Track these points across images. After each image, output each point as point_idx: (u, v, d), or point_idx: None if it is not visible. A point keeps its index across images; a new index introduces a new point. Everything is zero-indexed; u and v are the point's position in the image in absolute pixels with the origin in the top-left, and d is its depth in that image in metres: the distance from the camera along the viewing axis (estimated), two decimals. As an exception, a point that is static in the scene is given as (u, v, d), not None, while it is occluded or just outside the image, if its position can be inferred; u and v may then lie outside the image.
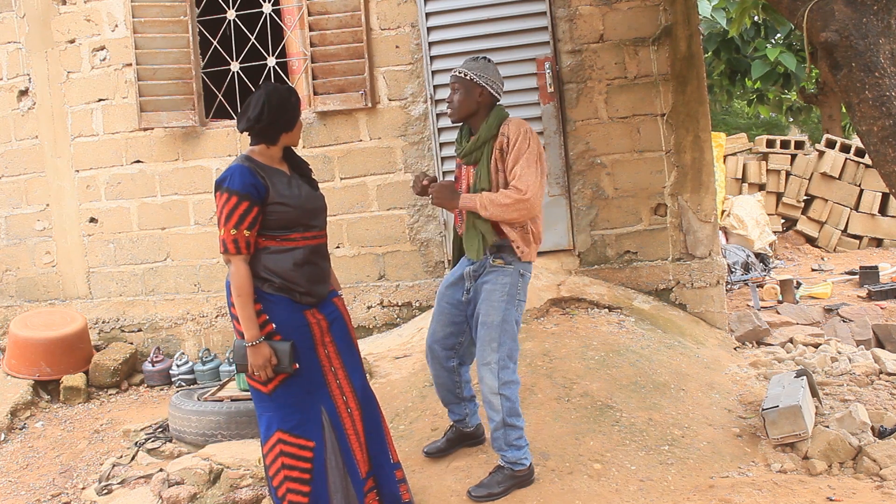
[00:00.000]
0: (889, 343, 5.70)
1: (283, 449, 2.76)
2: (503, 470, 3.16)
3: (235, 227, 2.67)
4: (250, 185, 2.69)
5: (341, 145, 5.52)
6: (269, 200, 2.73)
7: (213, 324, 5.82)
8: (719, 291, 5.18)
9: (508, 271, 3.15)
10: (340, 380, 2.87)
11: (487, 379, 3.12)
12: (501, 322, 3.11)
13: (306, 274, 2.80)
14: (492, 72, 3.17)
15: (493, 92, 3.17)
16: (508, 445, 3.15)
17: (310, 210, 2.83)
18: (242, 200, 2.67)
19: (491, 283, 3.15)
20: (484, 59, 3.20)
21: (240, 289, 2.69)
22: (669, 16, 5.09)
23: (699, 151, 5.12)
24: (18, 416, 5.08)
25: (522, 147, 3.06)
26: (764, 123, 19.72)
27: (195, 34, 5.64)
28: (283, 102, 2.79)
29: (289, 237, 2.78)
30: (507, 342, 3.13)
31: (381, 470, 2.93)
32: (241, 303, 2.70)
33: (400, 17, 5.39)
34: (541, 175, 3.07)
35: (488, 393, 3.13)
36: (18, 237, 6.17)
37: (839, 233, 9.29)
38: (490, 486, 3.12)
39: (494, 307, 3.12)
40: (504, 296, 3.13)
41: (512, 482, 3.15)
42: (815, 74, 11.04)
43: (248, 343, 2.69)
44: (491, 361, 3.11)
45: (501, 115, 3.17)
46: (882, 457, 3.25)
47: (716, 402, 4.01)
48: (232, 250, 2.68)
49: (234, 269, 2.70)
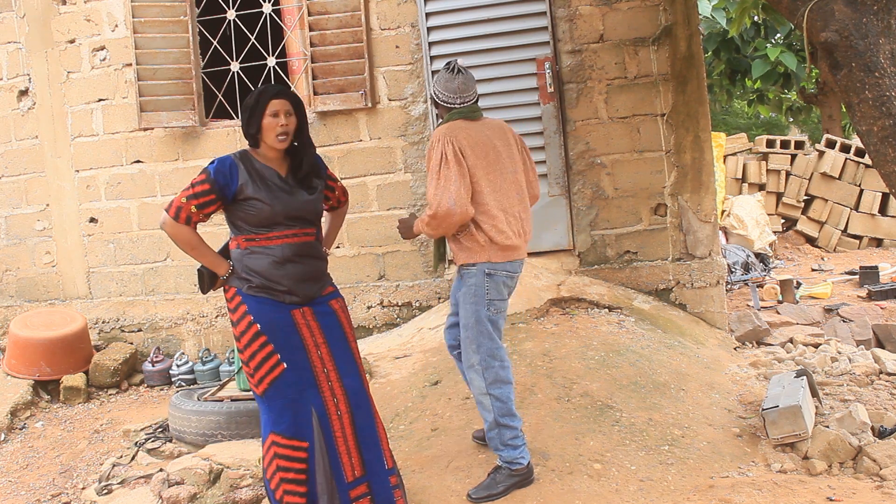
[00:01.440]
0: (889, 343, 5.70)
1: (276, 451, 2.76)
2: (501, 470, 3.16)
3: (187, 198, 2.76)
4: (221, 173, 2.76)
5: (341, 145, 5.52)
6: (240, 196, 2.76)
7: (213, 324, 5.82)
8: (719, 291, 5.18)
9: (472, 272, 3.19)
10: (332, 381, 2.85)
11: (475, 381, 3.19)
12: (475, 323, 3.17)
13: (289, 273, 2.79)
14: (441, 79, 3.23)
15: (439, 101, 3.25)
16: (504, 445, 3.15)
17: (286, 210, 2.80)
18: (206, 182, 2.76)
19: (463, 286, 3.22)
20: (450, 68, 3.23)
21: (189, 242, 2.80)
22: (669, 16, 5.09)
23: (699, 151, 5.12)
24: (18, 416, 5.08)
25: (427, 161, 3.18)
26: (764, 123, 19.72)
27: (195, 34, 5.64)
28: (244, 105, 2.86)
29: (268, 235, 2.79)
30: (484, 342, 3.17)
31: (375, 476, 2.90)
32: (197, 254, 2.81)
33: (400, 17, 5.39)
34: (448, 180, 3.05)
35: (478, 394, 3.19)
36: (18, 237, 6.17)
37: (839, 233, 9.29)
38: (490, 487, 3.13)
39: (467, 310, 3.19)
40: (472, 297, 3.18)
41: (511, 481, 3.15)
42: (815, 74, 11.04)
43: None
44: (474, 363, 3.18)
45: (439, 125, 3.25)
46: (882, 457, 3.25)
47: (716, 402, 4.01)
48: (171, 213, 2.78)
49: (172, 231, 2.78)
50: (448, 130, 3.13)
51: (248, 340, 2.78)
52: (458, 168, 3.06)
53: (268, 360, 2.77)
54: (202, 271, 2.85)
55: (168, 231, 2.79)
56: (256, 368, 2.78)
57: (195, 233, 2.80)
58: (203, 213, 2.77)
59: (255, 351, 2.77)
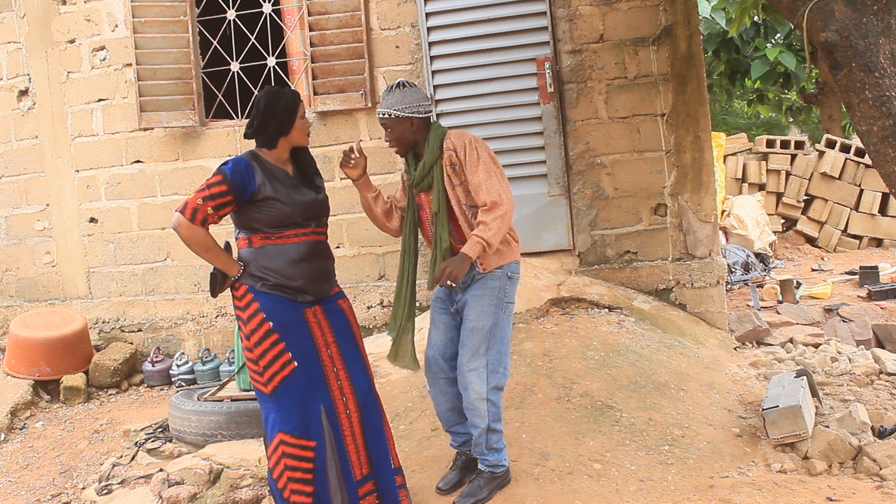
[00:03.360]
0: (889, 343, 5.70)
1: (285, 450, 2.76)
2: (483, 474, 3.15)
3: (203, 199, 2.72)
4: (238, 173, 2.74)
5: (341, 145, 5.52)
6: (259, 196, 2.75)
7: (213, 324, 5.82)
8: (719, 291, 5.18)
9: (496, 275, 3.11)
10: (342, 381, 2.86)
11: (475, 384, 3.06)
12: (492, 326, 3.08)
13: (303, 271, 2.81)
14: (411, 97, 3.06)
15: (422, 114, 3.09)
16: (489, 449, 3.13)
17: (303, 209, 2.83)
18: (223, 182, 2.73)
19: (480, 288, 3.11)
20: (399, 86, 3.09)
21: (204, 245, 2.75)
22: (669, 16, 5.08)
23: (699, 151, 5.12)
24: (18, 416, 5.08)
25: (473, 158, 3.03)
26: (764, 123, 19.72)
27: (195, 34, 5.64)
28: (270, 107, 2.80)
29: (283, 234, 2.80)
30: (496, 346, 3.10)
31: (382, 475, 2.92)
32: (211, 256, 2.77)
33: (400, 17, 5.39)
34: (502, 176, 3.06)
35: (475, 399, 3.07)
36: (18, 237, 6.17)
37: (839, 233, 9.29)
38: (475, 494, 3.11)
39: (485, 312, 3.08)
40: (494, 300, 3.09)
41: (493, 484, 3.14)
42: (815, 74, 11.04)
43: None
44: (479, 367, 3.07)
45: (440, 133, 3.11)
46: (882, 457, 3.25)
47: (716, 402, 4.01)
48: (187, 215, 2.71)
49: (188, 232, 2.72)
50: (470, 133, 3.11)
51: (258, 338, 2.78)
52: (500, 167, 3.08)
53: (279, 359, 2.77)
54: (215, 274, 2.82)
55: (183, 233, 2.73)
56: (266, 367, 2.77)
57: (209, 234, 2.77)
58: (219, 215, 2.75)
59: (265, 349, 2.77)
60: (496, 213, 2.97)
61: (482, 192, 2.99)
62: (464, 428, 3.26)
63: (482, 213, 3.00)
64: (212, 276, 2.83)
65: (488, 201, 2.98)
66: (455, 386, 3.20)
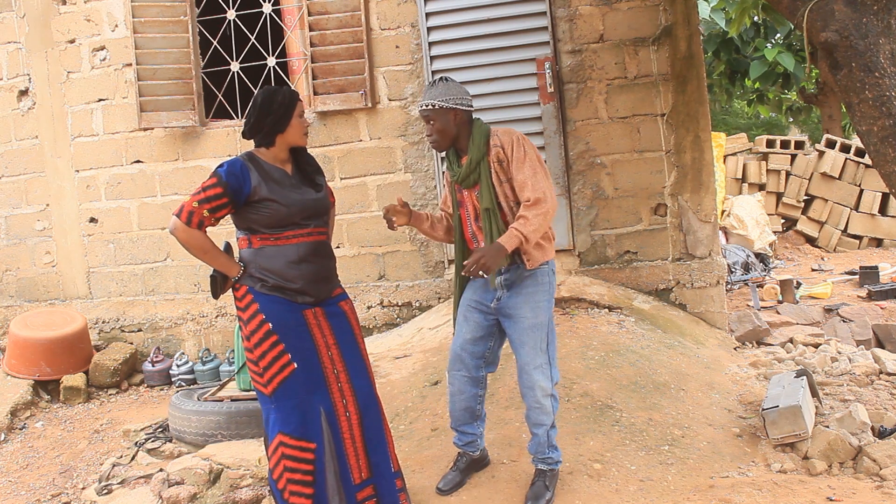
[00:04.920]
0: (889, 343, 5.70)
1: (284, 451, 2.75)
2: (546, 473, 3.12)
3: (199, 202, 2.71)
4: (233, 175, 2.73)
5: (341, 145, 5.53)
6: (255, 197, 2.75)
7: (213, 324, 5.82)
8: (719, 291, 5.18)
9: (545, 271, 3.10)
10: (342, 383, 2.85)
11: (541, 382, 3.02)
12: (547, 322, 3.09)
13: (303, 272, 2.80)
14: (454, 90, 3.06)
15: (465, 108, 3.08)
16: (551, 447, 3.12)
17: (302, 209, 2.82)
18: (218, 185, 2.72)
19: (532, 285, 3.08)
20: (441, 80, 3.10)
21: (202, 247, 2.75)
22: (669, 16, 5.09)
23: (699, 151, 5.12)
24: (18, 416, 5.08)
25: (520, 155, 3.02)
26: (764, 123, 19.73)
27: (195, 34, 5.64)
28: (266, 104, 2.80)
29: (282, 235, 2.79)
30: (553, 341, 3.12)
31: (381, 479, 2.91)
32: (209, 258, 2.77)
33: (400, 17, 5.39)
34: (547, 176, 3.06)
35: (541, 396, 3.03)
36: (18, 237, 6.17)
37: (839, 233, 9.29)
38: (543, 495, 3.07)
39: (541, 307, 3.07)
40: (546, 295, 3.09)
41: (556, 481, 3.14)
42: (815, 74, 11.03)
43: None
44: (542, 364, 3.04)
45: (485, 130, 3.10)
46: (882, 457, 3.25)
47: (716, 402, 4.01)
48: (183, 218, 2.70)
49: (185, 236, 2.72)
50: (516, 130, 3.11)
51: (258, 340, 2.77)
52: (545, 166, 3.08)
53: (278, 360, 2.77)
54: (216, 276, 2.81)
55: (180, 237, 2.72)
56: (266, 368, 2.77)
57: (207, 237, 2.76)
58: (215, 217, 2.74)
59: (265, 350, 2.77)
60: (539, 209, 2.96)
61: (527, 189, 2.99)
62: (472, 428, 3.26)
63: (524, 208, 2.99)
64: (212, 279, 2.82)
65: (532, 198, 2.97)
66: (474, 386, 3.19)
